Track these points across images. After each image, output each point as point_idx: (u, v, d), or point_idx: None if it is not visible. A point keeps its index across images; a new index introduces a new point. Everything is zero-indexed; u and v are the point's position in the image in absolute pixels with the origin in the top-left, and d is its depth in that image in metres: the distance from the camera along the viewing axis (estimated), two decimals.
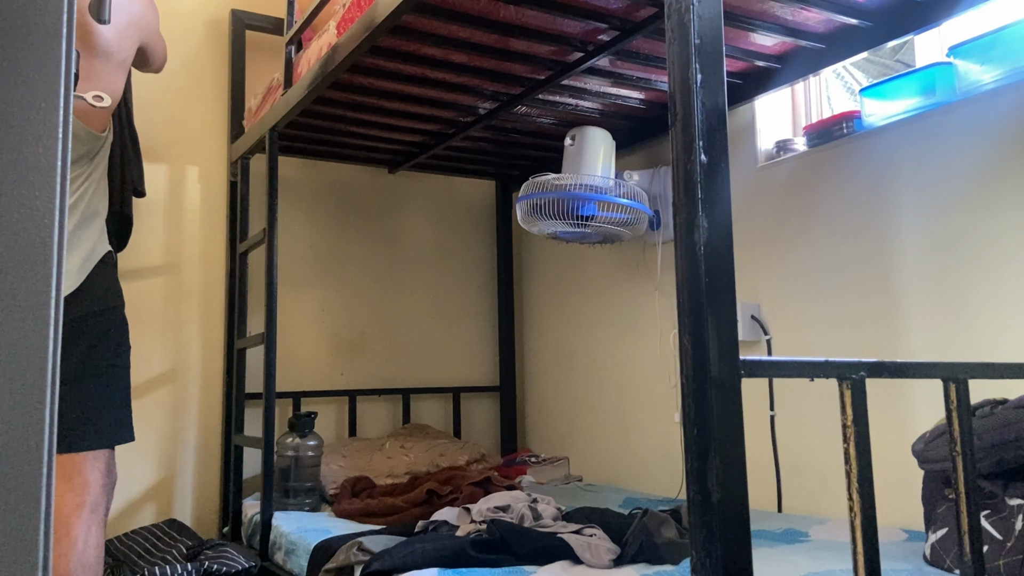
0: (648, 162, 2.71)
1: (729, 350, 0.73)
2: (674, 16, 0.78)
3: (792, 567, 1.54)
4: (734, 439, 0.72)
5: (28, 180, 0.45)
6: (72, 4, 0.47)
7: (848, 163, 2.09)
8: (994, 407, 1.46)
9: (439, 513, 2.06)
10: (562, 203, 2.17)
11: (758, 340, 2.29)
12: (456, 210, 3.38)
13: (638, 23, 1.93)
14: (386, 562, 1.65)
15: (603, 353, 2.93)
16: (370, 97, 2.39)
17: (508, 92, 2.36)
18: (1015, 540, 1.33)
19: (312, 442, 2.51)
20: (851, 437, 0.79)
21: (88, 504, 1.49)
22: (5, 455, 0.43)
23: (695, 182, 0.75)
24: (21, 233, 0.45)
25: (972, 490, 0.91)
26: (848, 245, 2.07)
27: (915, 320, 1.91)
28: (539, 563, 1.65)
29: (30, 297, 0.45)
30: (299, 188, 3.03)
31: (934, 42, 2.10)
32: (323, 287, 3.05)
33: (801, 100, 2.44)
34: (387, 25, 1.82)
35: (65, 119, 0.47)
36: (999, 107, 1.77)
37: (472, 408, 3.29)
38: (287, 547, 2.14)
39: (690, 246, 0.75)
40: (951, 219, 1.85)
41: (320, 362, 3.01)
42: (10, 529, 0.43)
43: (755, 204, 2.34)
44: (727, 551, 0.70)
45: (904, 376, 0.87)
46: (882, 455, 1.75)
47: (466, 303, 3.35)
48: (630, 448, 2.77)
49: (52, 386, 0.46)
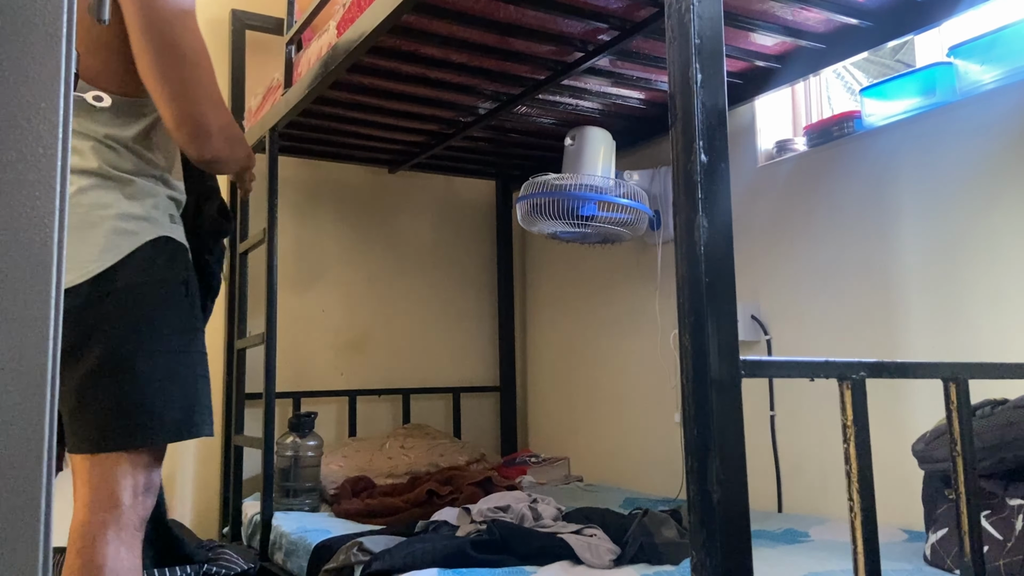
0: (648, 162, 2.71)
1: (729, 350, 0.73)
2: (674, 16, 0.78)
3: (792, 567, 1.54)
4: (734, 439, 0.72)
5: (28, 180, 0.45)
6: (72, 4, 0.47)
7: (848, 163, 2.09)
8: (994, 407, 1.46)
9: (439, 513, 2.06)
10: (562, 203, 2.17)
11: (758, 340, 2.28)
12: (456, 210, 3.38)
13: (638, 23, 1.93)
14: (386, 562, 1.65)
15: (603, 353, 2.93)
16: (370, 97, 2.39)
17: (508, 92, 2.36)
18: (1015, 540, 1.33)
19: (312, 442, 2.51)
20: (851, 437, 0.79)
21: (116, 520, 1.19)
22: (5, 455, 0.43)
23: (695, 182, 0.75)
24: (21, 233, 0.45)
25: (972, 490, 0.91)
26: (848, 245, 2.07)
27: (915, 320, 1.91)
28: (539, 563, 1.65)
29: (30, 297, 0.45)
30: (299, 188, 3.03)
31: (934, 42, 2.10)
32: (323, 287, 3.05)
33: (801, 100, 2.44)
34: (387, 25, 1.82)
35: (65, 119, 0.47)
36: (999, 107, 1.77)
37: (472, 408, 3.29)
38: (287, 547, 2.14)
39: (690, 246, 0.75)
40: (951, 219, 1.85)
41: (320, 362, 3.01)
42: (10, 530, 0.43)
43: (755, 204, 2.34)
44: (727, 551, 0.70)
45: (904, 376, 0.87)
46: (882, 455, 1.74)
47: (466, 303, 3.34)
48: (630, 448, 2.77)
49: (52, 386, 0.46)
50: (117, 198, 1.27)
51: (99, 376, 1.21)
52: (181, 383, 1.26)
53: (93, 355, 1.21)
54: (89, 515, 1.19)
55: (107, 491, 1.19)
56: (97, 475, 1.20)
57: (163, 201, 1.33)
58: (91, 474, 1.20)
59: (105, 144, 1.27)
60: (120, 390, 1.21)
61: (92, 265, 1.22)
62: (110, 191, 1.27)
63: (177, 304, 1.29)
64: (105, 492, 1.19)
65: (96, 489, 1.20)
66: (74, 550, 1.17)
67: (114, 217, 1.25)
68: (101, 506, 1.19)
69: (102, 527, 1.18)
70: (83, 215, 1.24)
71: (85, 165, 1.26)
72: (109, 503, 1.19)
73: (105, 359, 1.21)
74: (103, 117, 1.28)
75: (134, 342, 1.23)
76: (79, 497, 1.21)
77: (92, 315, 1.21)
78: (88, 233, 1.23)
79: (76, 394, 1.21)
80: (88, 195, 1.25)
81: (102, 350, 1.21)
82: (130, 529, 1.20)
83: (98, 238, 1.23)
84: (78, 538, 1.18)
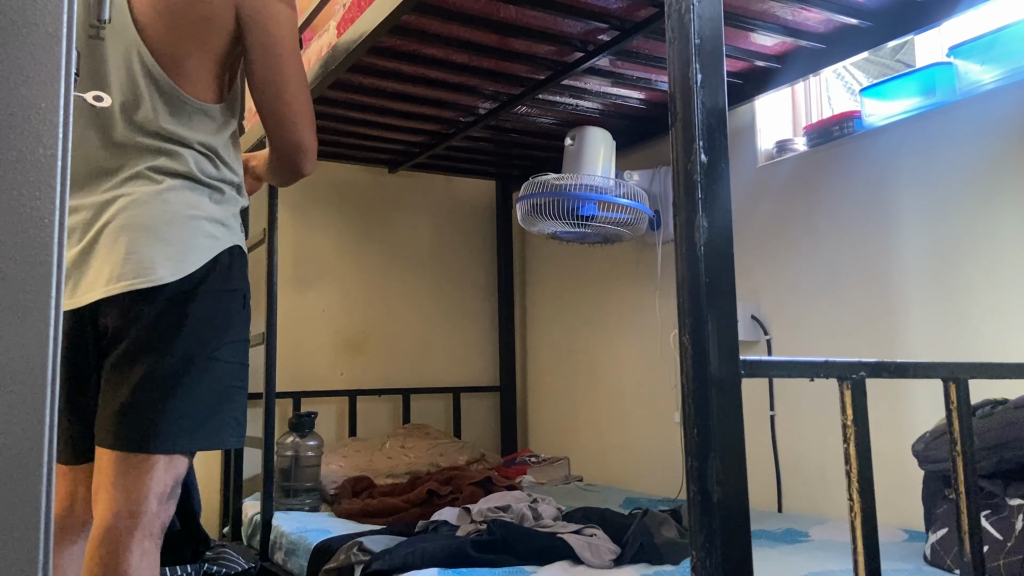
0: (648, 162, 2.71)
1: (729, 350, 0.73)
2: (674, 16, 0.78)
3: (792, 567, 1.54)
4: (734, 439, 0.72)
5: (28, 180, 0.45)
6: (72, 4, 0.47)
7: (848, 163, 2.09)
8: (994, 407, 1.46)
9: (439, 513, 2.06)
10: (562, 203, 2.17)
11: (758, 340, 2.28)
12: (456, 210, 3.38)
13: (638, 23, 1.93)
14: (386, 562, 1.65)
15: (603, 353, 2.93)
16: (370, 97, 2.39)
17: (508, 92, 2.36)
18: (1015, 540, 1.33)
19: (312, 442, 2.51)
20: (851, 437, 0.79)
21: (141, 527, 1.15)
22: (5, 455, 0.43)
23: (695, 182, 0.75)
24: (21, 233, 0.45)
25: (972, 490, 0.91)
26: (848, 245, 2.07)
27: (915, 320, 1.91)
28: (539, 563, 1.65)
29: (30, 298, 0.45)
30: (299, 188, 3.02)
31: (934, 42, 2.10)
32: (323, 287, 3.05)
33: (801, 100, 2.44)
34: (387, 25, 1.81)
35: (65, 119, 0.47)
36: (999, 107, 1.77)
37: (472, 408, 3.29)
38: (287, 547, 2.14)
39: (690, 246, 0.75)
40: (951, 219, 1.85)
41: (320, 362, 3.01)
42: (10, 529, 0.43)
43: (755, 204, 2.34)
44: (727, 551, 0.70)
45: (904, 376, 0.87)
46: (882, 455, 1.74)
47: (466, 303, 3.34)
48: (630, 448, 2.77)
49: (52, 387, 0.46)
50: (204, 202, 1.26)
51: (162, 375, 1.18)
52: (220, 393, 1.25)
53: (163, 354, 1.18)
54: (116, 520, 1.15)
55: (137, 495, 1.16)
56: (130, 477, 1.16)
57: (238, 211, 1.34)
58: (123, 475, 1.16)
59: (196, 149, 1.27)
60: (175, 392, 1.18)
61: (184, 264, 1.20)
62: (198, 194, 1.26)
63: (240, 315, 1.29)
64: (135, 496, 1.16)
65: (126, 491, 1.16)
66: (96, 556, 1.13)
67: (203, 220, 1.24)
68: (129, 511, 1.15)
69: (127, 533, 1.14)
70: (173, 213, 1.22)
71: (176, 167, 1.25)
72: (137, 508, 1.16)
73: (172, 360, 1.18)
74: (196, 124, 1.27)
75: (200, 347, 1.21)
76: (101, 499, 1.16)
77: (172, 315, 1.19)
78: (179, 232, 1.21)
79: (133, 390, 1.17)
80: (179, 194, 1.23)
81: (172, 350, 1.18)
82: (153, 537, 1.17)
83: (189, 238, 1.22)
84: (100, 545, 1.13)
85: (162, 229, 1.20)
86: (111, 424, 1.18)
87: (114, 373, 1.19)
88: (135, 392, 1.17)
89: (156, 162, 1.24)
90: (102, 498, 1.16)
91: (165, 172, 1.24)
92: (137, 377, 1.17)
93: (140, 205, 1.21)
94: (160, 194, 1.22)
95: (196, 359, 1.21)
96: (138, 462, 1.17)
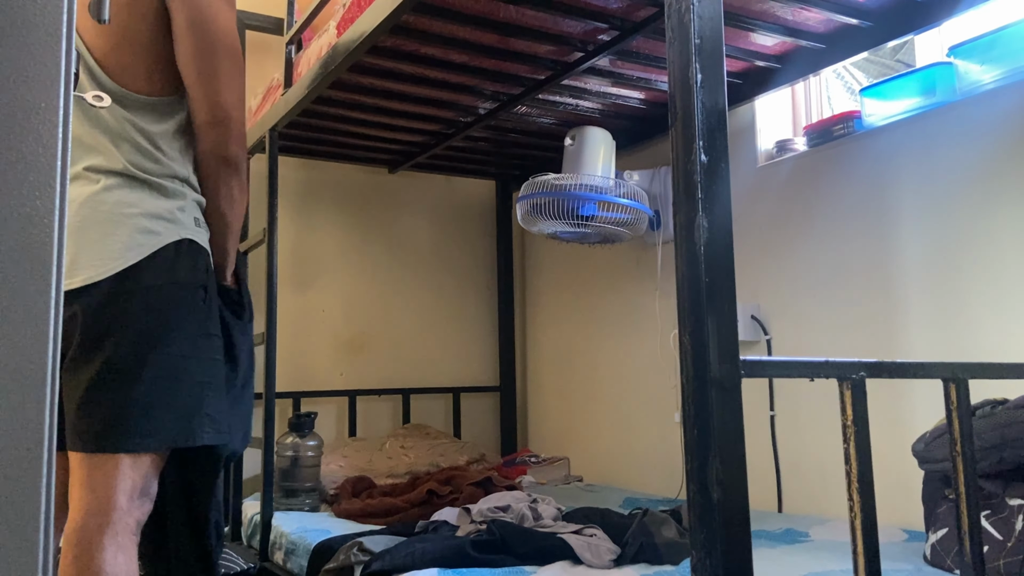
0: (648, 162, 2.71)
1: (729, 350, 0.73)
2: (674, 16, 0.78)
3: (792, 567, 1.54)
4: (734, 439, 0.72)
5: (28, 180, 0.45)
6: (72, 4, 0.47)
7: (848, 163, 2.09)
8: (994, 407, 1.46)
9: (439, 513, 2.06)
10: (562, 203, 2.17)
11: (758, 340, 2.28)
12: (456, 210, 3.38)
13: (638, 23, 1.93)
14: (386, 562, 1.65)
15: (603, 353, 2.93)
16: (370, 97, 2.39)
17: (508, 92, 2.36)
18: (1015, 540, 1.33)
19: (312, 442, 2.51)
20: (851, 437, 0.79)
21: (112, 524, 1.16)
22: (5, 455, 0.43)
23: (695, 182, 0.75)
24: (21, 233, 0.45)
25: (972, 490, 0.91)
26: (848, 245, 2.07)
27: (915, 320, 1.91)
28: (539, 563, 1.65)
29: (30, 297, 0.45)
30: (299, 188, 3.03)
31: (934, 42, 2.10)
32: (323, 287, 3.05)
33: (801, 100, 2.44)
34: (387, 25, 1.82)
35: (65, 119, 0.47)
36: (999, 107, 1.77)
37: (472, 408, 3.29)
38: (287, 547, 2.14)
39: (690, 246, 0.75)
40: (951, 219, 1.85)
41: (320, 362, 3.01)
42: (10, 529, 0.43)
43: (755, 204, 2.34)
44: (727, 551, 0.70)
45: (904, 376, 0.87)
46: (882, 455, 1.74)
47: (466, 303, 3.34)
48: (630, 448, 2.77)
49: (52, 386, 0.46)
50: (142, 198, 1.26)
51: (110, 374, 1.19)
52: (186, 389, 1.24)
53: (107, 352, 1.19)
54: (85, 519, 1.16)
55: (104, 493, 1.17)
56: (95, 476, 1.18)
57: (189, 204, 1.32)
58: (89, 475, 1.18)
59: (132, 144, 1.27)
60: (127, 390, 1.19)
61: (115, 262, 1.21)
62: (135, 191, 1.26)
63: (194, 308, 1.27)
64: (102, 494, 1.17)
65: (93, 491, 1.17)
66: (70, 556, 1.15)
67: (139, 216, 1.24)
68: (98, 509, 1.17)
69: (98, 532, 1.16)
70: (107, 212, 1.23)
71: (111, 165, 1.25)
72: (106, 506, 1.17)
73: (118, 357, 1.19)
74: (131, 116, 1.27)
75: (148, 343, 1.21)
76: (75, 499, 1.18)
77: (111, 312, 1.20)
78: (111, 230, 1.22)
79: (86, 390, 1.19)
80: (113, 193, 1.24)
81: (116, 348, 1.19)
82: (126, 533, 1.18)
83: (122, 236, 1.22)
84: (74, 544, 1.15)
85: (90, 231, 1.21)
86: (72, 425, 1.20)
87: (68, 375, 1.21)
88: (87, 392, 1.19)
89: (93, 161, 1.25)
90: (74, 497, 1.19)
91: (101, 171, 1.25)
92: (87, 378, 1.19)
93: (77, 209, 1.23)
94: (96, 195, 1.23)
95: (146, 355, 1.21)
96: (101, 461, 1.18)
